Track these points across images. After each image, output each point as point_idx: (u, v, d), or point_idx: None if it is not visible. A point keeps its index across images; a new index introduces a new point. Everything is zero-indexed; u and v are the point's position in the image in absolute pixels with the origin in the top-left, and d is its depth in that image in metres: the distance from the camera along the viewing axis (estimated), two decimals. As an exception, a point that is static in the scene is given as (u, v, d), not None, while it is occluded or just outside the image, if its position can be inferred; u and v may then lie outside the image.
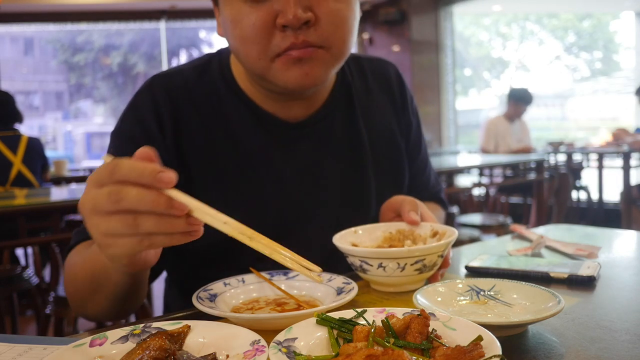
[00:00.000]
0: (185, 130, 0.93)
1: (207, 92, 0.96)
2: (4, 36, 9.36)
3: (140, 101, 0.94)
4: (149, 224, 0.56)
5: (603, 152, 5.37)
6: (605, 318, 0.65)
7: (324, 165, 0.99)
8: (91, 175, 0.59)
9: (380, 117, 1.07)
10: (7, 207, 2.66)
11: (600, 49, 9.98)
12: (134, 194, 0.55)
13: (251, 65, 0.86)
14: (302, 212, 0.97)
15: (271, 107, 0.95)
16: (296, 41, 0.81)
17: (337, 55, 0.86)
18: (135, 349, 0.52)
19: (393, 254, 0.74)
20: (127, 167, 0.56)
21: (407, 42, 7.06)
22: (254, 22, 0.81)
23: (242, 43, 0.84)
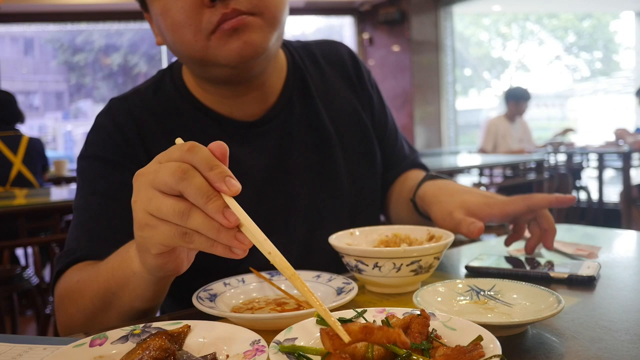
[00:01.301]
0: (152, 146, 0.93)
1: (165, 106, 0.97)
2: (4, 36, 9.36)
3: (102, 123, 0.94)
4: (198, 221, 0.54)
5: (603, 152, 5.37)
6: (605, 318, 0.65)
7: (291, 157, 0.99)
8: (161, 153, 0.58)
9: (340, 98, 1.07)
10: (7, 207, 2.66)
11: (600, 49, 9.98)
12: (197, 183, 0.53)
13: (190, 51, 0.85)
14: (277, 208, 0.97)
15: (227, 109, 0.96)
16: (227, 11, 0.80)
17: (270, 21, 0.85)
18: (135, 349, 0.52)
19: (389, 254, 0.74)
20: (202, 155, 0.54)
21: (407, 42, 7.05)
22: (182, 5, 0.81)
23: (175, 31, 0.84)
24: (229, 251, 0.55)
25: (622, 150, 5.08)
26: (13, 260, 3.35)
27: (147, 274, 0.67)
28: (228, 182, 0.54)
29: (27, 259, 3.72)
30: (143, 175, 0.58)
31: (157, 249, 0.60)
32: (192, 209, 0.54)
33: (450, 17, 7.24)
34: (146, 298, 0.72)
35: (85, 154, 0.93)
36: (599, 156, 5.45)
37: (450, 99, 7.31)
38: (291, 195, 0.98)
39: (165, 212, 0.55)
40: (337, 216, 1.02)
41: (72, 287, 0.79)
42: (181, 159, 0.55)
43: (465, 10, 8.12)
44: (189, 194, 0.54)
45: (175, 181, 0.54)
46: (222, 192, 0.54)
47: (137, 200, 0.58)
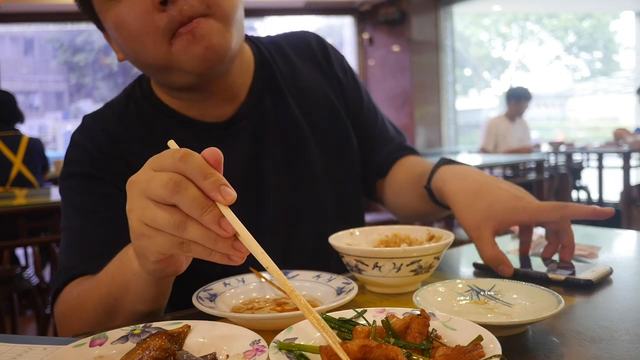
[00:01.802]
0: (129, 157, 0.93)
1: (137, 117, 0.97)
2: (4, 36, 9.35)
3: (78, 140, 0.95)
4: (195, 232, 0.54)
5: (603, 152, 5.37)
6: (605, 318, 0.65)
7: (264, 155, 0.98)
8: (153, 157, 0.57)
9: (311, 89, 1.06)
10: (7, 207, 2.66)
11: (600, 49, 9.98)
12: (191, 194, 0.53)
13: (153, 59, 0.84)
14: (252, 208, 0.96)
15: (196, 112, 0.95)
16: (181, 18, 0.79)
17: (225, 19, 0.83)
18: (135, 349, 0.52)
19: (389, 254, 0.74)
20: (195, 163, 0.54)
21: (407, 42, 7.05)
22: (135, 15, 0.80)
23: (134, 41, 0.83)
24: (227, 259, 0.55)
25: (622, 150, 5.08)
26: (13, 260, 3.35)
27: (147, 275, 0.67)
28: (223, 191, 0.53)
29: (27, 259, 3.72)
30: (136, 184, 0.57)
31: (155, 257, 0.60)
32: (187, 220, 0.54)
33: (450, 17, 7.24)
34: (148, 299, 0.71)
35: (65, 174, 0.93)
36: (599, 156, 5.45)
37: (450, 99, 7.31)
38: (266, 194, 0.97)
39: (160, 223, 0.55)
40: (316, 211, 1.01)
41: (73, 301, 0.80)
42: (174, 168, 0.54)
43: (465, 10, 8.12)
44: (184, 206, 0.53)
45: (169, 193, 0.53)
46: (217, 201, 0.53)
47: (132, 209, 0.58)
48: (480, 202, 0.84)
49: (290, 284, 0.52)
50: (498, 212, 0.82)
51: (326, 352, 0.46)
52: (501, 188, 0.85)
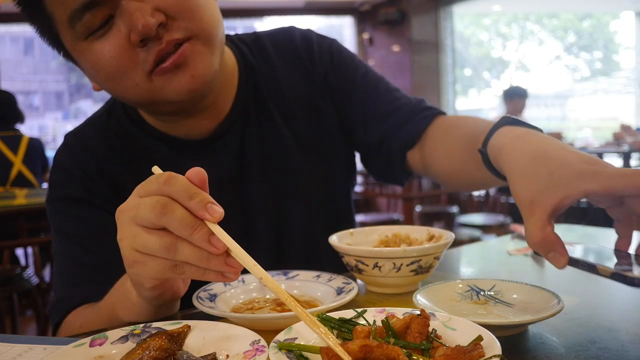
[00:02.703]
0: (113, 174, 0.92)
1: (119, 134, 0.95)
2: (4, 36, 9.35)
3: (61, 161, 0.94)
4: (187, 253, 0.54)
5: (603, 152, 5.37)
6: (605, 318, 0.65)
7: (248, 167, 0.96)
8: (139, 185, 0.58)
9: (294, 95, 1.00)
10: (7, 207, 2.67)
11: (600, 49, 9.98)
12: (178, 215, 0.53)
13: (134, 97, 0.81)
14: (240, 223, 0.95)
15: (180, 131, 0.93)
16: (161, 48, 0.75)
17: (209, 41, 0.80)
18: (135, 349, 0.52)
19: (389, 254, 0.74)
20: (180, 186, 0.54)
21: (407, 42, 7.05)
22: (110, 55, 0.76)
23: (114, 82, 0.79)
24: (221, 276, 0.56)
25: (622, 150, 5.08)
26: (13, 260, 3.34)
27: (147, 304, 0.67)
28: (210, 209, 0.53)
29: (27, 259, 3.71)
30: (124, 212, 0.58)
31: (150, 283, 0.61)
32: (178, 242, 0.54)
33: (450, 17, 7.24)
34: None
35: (52, 198, 0.93)
36: (598, 156, 5.44)
37: (450, 99, 7.31)
38: (253, 208, 0.96)
39: (151, 247, 0.55)
40: (304, 221, 0.99)
41: (77, 332, 0.80)
42: (159, 192, 0.55)
43: (465, 10, 8.11)
44: (172, 227, 0.54)
45: (157, 217, 0.54)
46: (205, 219, 0.54)
47: (123, 238, 0.58)
48: (540, 169, 0.60)
49: (285, 292, 0.52)
50: (561, 180, 0.58)
51: (327, 352, 0.46)
52: (571, 152, 0.61)
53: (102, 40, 0.76)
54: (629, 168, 0.57)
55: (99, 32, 0.75)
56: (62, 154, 0.95)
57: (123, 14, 0.74)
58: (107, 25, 0.75)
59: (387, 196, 5.03)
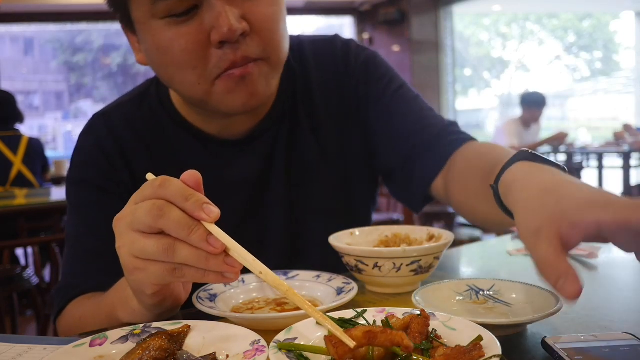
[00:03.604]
0: (135, 163, 0.91)
1: (148, 122, 0.93)
2: (4, 36, 9.35)
3: (84, 143, 0.92)
4: (185, 254, 0.54)
5: (603, 152, 5.37)
6: (605, 318, 0.65)
7: (274, 176, 0.95)
8: (135, 193, 0.58)
9: (327, 110, 0.99)
10: (7, 207, 2.67)
11: (600, 49, 9.98)
12: (175, 217, 0.53)
13: (189, 92, 0.80)
14: (258, 226, 0.95)
15: (214, 129, 0.91)
16: (236, 59, 0.75)
17: (276, 64, 0.82)
18: (135, 349, 0.52)
19: (389, 254, 0.74)
20: (175, 188, 0.54)
21: (407, 42, 7.05)
22: (186, 46, 0.75)
23: (175, 71, 0.78)
24: (221, 277, 0.56)
25: (622, 150, 5.08)
26: (13, 260, 3.34)
27: (148, 312, 0.67)
28: (206, 210, 0.54)
29: (27, 259, 3.72)
30: (121, 220, 0.58)
31: (151, 289, 0.60)
32: (176, 244, 0.54)
33: (450, 17, 7.24)
34: None
35: (72, 178, 0.92)
36: (598, 156, 5.45)
37: (450, 99, 7.31)
38: (273, 212, 0.95)
39: (150, 252, 0.55)
40: (320, 229, 0.94)
41: (76, 324, 0.80)
42: (155, 195, 0.55)
43: (465, 10, 8.12)
44: (170, 229, 0.54)
45: (154, 220, 0.54)
46: (202, 220, 0.54)
47: (121, 246, 0.58)
48: (547, 200, 0.54)
49: (286, 284, 0.53)
50: (569, 208, 0.51)
51: (331, 340, 0.46)
52: (584, 185, 0.56)
53: (180, 28, 0.75)
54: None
55: (180, 18, 0.74)
56: (87, 134, 0.93)
57: (211, 10, 0.73)
58: (190, 14, 0.74)
59: (387, 196, 5.03)
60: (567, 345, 0.53)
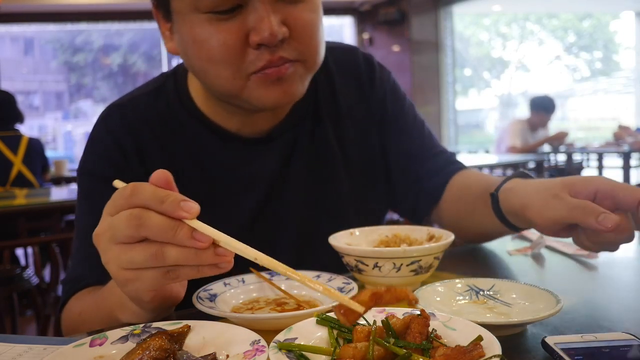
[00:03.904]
0: (148, 158, 0.90)
1: (166, 117, 0.92)
2: (4, 36, 9.35)
3: (98, 134, 0.91)
4: (174, 255, 0.54)
5: (603, 152, 5.37)
6: (605, 318, 0.65)
7: (291, 177, 0.95)
8: (106, 204, 0.57)
9: (350, 116, 1.02)
10: (7, 207, 2.67)
11: (600, 49, 9.99)
12: (156, 222, 0.53)
13: (222, 86, 0.81)
14: (271, 225, 0.95)
15: (234, 125, 0.91)
16: (272, 59, 0.77)
17: (311, 68, 0.83)
18: (135, 349, 0.52)
19: (389, 254, 0.74)
20: (148, 193, 0.53)
21: (407, 42, 7.06)
22: (225, 42, 0.76)
23: (211, 65, 0.79)
24: (215, 269, 0.55)
25: (622, 150, 5.08)
26: (13, 260, 3.34)
27: (147, 312, 0.67)
28: (185, 207, 0.53)
29: (27, 259, 3.72)
30: (101, 235, 0.57)
31: (148, 296, 0.60)
32: (163, 247, 0.54)
33: (450, 17, 7.24)
34: None
35: (84, 169, 0.91)
36: (599, 156, 5.44)
37: (450, 99, 7.32)
38: (287, 213, 0.95)
39: (139, 261, 0.55)
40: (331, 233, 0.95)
41: (76, 320, 0.80)
42: (129, 205, 0.54)
43: (465, 10, 8.12)
44: (153, 235, 0.53)
45: (135, 230, 0.53)
46: (182, 218, 0.53)
47: (108, 261, 0.57)
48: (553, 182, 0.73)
49: (283, 265, 0.51)
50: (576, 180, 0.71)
51: (339, 309, 0.46)
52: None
53: (221, 24, 0.75)
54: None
55: (222, 15, 0.75)
56: (101, 125, 0.91)
57: (254, 12, 0.75)
58: (232, 13, 0.75)
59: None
60: (567, 345, 0.53)
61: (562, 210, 0.69)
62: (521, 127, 5.20)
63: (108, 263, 0.57)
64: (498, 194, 0.84)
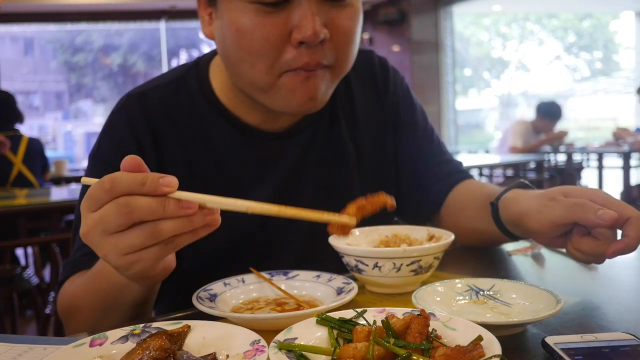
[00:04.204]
0: (165, 150, 0.90)
1: (186, 108, 0.92)
2: (4, 36, 9.35)
3: (116, 122, 0.90)
4: (170, 228, 0.56)
5: (603, 152, 5.37)
6: (605, 318, 0.65)
7: (306, 174, 0.96)
8: (82, 202, 0.58)
9: (365, 119, 1.03)
10: (7, 207, 2.67)
11: (600, 49, 9.99)
12: (144, 204, 0.55)
13: (253, 79, 0.81)
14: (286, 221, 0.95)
15: (255, 120, 0.92)
16: (310, 61, 0.78)
17: (338, 75, 0.85)
18: (135, 349, 0.52)
19: (389, 254, 0.74)
20: (127, 180, 0.55)
21: (407, 42, 7.06)
22: (267, 36, 0.77)
23: (248, 55, 0.79)
24: (208, 228, 0.58)
25: (622, 150, 5.08)
26: (13, 260, 3.35)
27: (140, 286, 0.69)
28: (165, 183, 0.55)
29: (27, 259, 3.71)
30: (91, 232, 0.58)
31: (155, 269, 0.62)
32: (157, 224, 0.56)
33: (450, 17, 7.24)
34: (141, 301, 0.74)
35: (97, 157, 0.91)
36: (599, 156, 5.44)
37: (450, 99, 7.32)
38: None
39: (138, 243, 0.57)
40: None
41: (68, 301, 0.81)
42: (111, 196, 0.56)
43: (465, 10, 8.12)
44: (145, 217, 0.55)
45: (127, 217, 0.55)
46: (166, 193, 0.55)
47: (107, 253, 0.58)
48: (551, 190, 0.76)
49: (275, 206, 0.57)
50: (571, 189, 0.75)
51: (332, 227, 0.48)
52: None
53: (266, 17, 0.76)
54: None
55: (268, 7, 0.76)
56: (119, 113, 0.90)
57: (299, 9, 0.76)
58: (278, 7, 0.76)
59: (387, 196, 5.03)
60: (567, 345, 0.53)
61: (560, 210, 0.71)
62: (524, 128, 5.20)
63: (107, 255, 0.58)
64: (498, 203, 0.87)
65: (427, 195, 1.07)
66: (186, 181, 0.89)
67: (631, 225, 0.68)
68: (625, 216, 0.68)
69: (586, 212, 0.68)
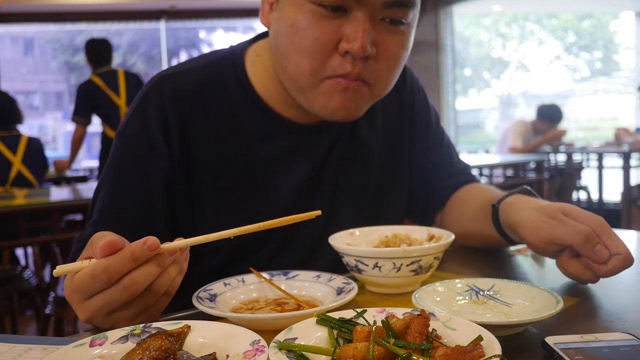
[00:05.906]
0: (193, 137, 0.90)
1: (218, 96, 0.92)
2: (4, 36, 9.35)
3: (147, 103, 0.89)
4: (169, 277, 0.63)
5: (603, 152, 5.36)
6: (605, 318, 0.65)
7: (328, 170, 0.98)
8: (71, 291, 0.61)
9: (386, 119, 1.06)
10: (7, 207, 2.67)
11: (600, 49, 9.98)
12: (143, 275, 0.59)
13: (296, 77, 0.83)
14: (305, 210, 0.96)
15: (289, 112, 0.93)
16: (352, 71, 0.80)
17: (376, 95, 0.86)
18: (135, 349, 0.51)
19: (389, 254, 0.74)
20: (120, 265, 0.59)
21: (407, 42, 7.04)
22: (319, 37, 0.79)
23: (297, 52, 0.81)
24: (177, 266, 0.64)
25: (622, 150, 5.08)
26: (13, 260, 3.35)
27: None
28: (150, 247, 0.59)
29: (27, 259, 3.72)
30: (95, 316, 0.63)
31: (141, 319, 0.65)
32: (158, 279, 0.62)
33: (450, 17, 7.24)
34: None
35: (121, 132, 0.90)
36: (599, 156, 5.44)
37: (450, 99, 7.31)
38: (329, 206, 0.97)
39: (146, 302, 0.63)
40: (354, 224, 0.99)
41: None
42: (110, 282, 0.59)
43: (465, 10, 8.11)
44: (148, 284, 0.61)
45: (133, 295, 0.60)
46: (158, 251, 0.60)
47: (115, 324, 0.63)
48: (552, 205, 0.78)
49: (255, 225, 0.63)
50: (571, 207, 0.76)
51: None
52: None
53: (322, 20, 0.78)
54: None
55: (326, 11, 0.78)
56: (151, 93, 0.90)
57: (354, 21, 0.78)
58: (335, 13, 0.78)
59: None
60: (567, 345, 0.53)
61: (561, 231, 0.73)
62: (525, 128, 5.22)
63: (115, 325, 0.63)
64: (499, 206, 0.89)
65: (432, 194, 1.09)
66: (213, 169, 0.90)
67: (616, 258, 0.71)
68: (614, 253, 0.71)
69: (587, 243, 0.70)
